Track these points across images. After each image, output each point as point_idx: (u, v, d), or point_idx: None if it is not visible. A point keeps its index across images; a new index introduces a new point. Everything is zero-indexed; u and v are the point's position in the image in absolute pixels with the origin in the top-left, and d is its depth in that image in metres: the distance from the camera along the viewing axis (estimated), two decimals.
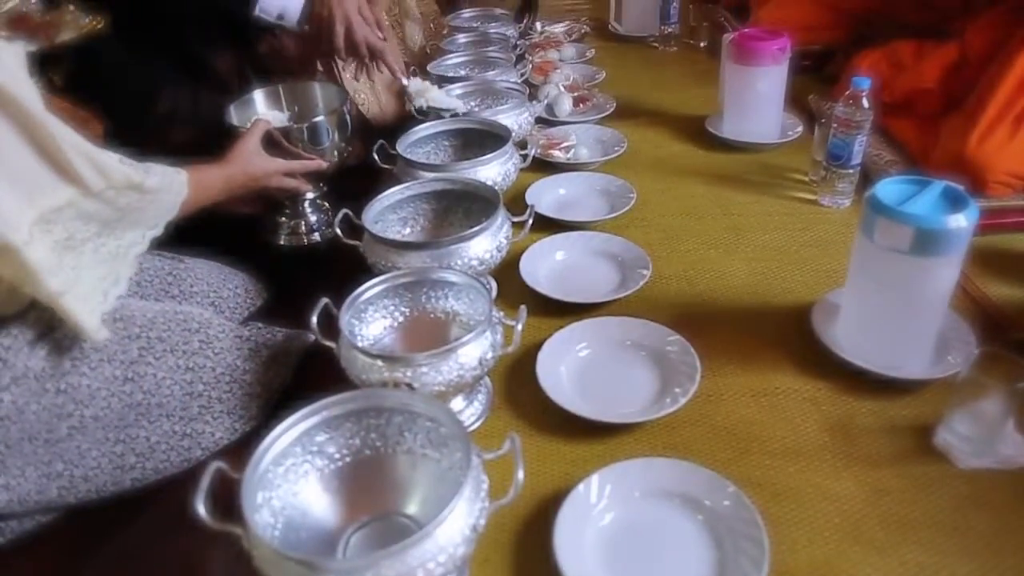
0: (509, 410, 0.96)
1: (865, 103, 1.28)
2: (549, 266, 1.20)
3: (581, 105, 1.76)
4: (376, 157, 1.32)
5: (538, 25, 2.37)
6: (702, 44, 2.29)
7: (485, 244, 1.02)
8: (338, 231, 1.09)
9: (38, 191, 0.77)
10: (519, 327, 0.87)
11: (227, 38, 1.62)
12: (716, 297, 1.15)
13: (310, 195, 1.42)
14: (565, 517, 0.76)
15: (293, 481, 0.74)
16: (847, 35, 2.04)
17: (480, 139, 1.38)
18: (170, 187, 0.94)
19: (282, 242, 1.42)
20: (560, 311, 1.10)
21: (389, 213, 1.17)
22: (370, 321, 0.97)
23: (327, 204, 1.45)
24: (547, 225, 1.29)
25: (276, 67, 1.64)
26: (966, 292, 1.11)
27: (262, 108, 1.44)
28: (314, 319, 0.88)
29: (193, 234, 1.08)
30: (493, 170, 1.24)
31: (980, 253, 1.08)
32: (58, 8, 1.20)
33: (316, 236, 1.43)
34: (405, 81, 1.49)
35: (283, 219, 1.44)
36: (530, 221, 1.09)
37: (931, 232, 0.85)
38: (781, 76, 1.54)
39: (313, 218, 1.44)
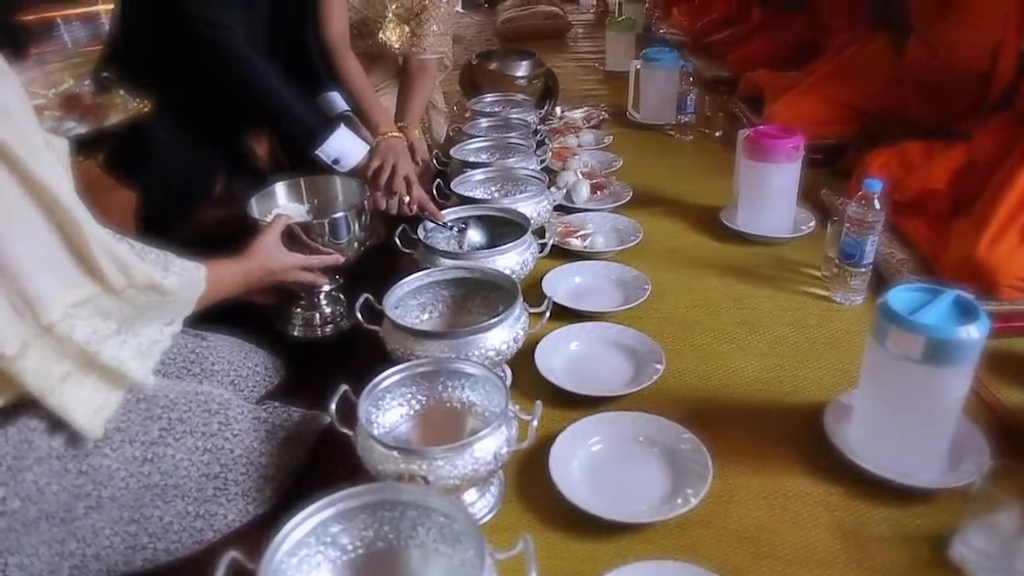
0: (521, 503, 0.96)
1: (877, 204, 1.32)
2: (564, 356, 1.22)
3: (599, 192, 1.81)
4: (398, 242, 1.35)
5: (558, 110, 2.44)
6: (717, 134, 2.35)
7: (503, 335, 1.05)
8: (359, 315, 1.12)
9: (64, 285, 0.81)
10: (534, 423, 0.88)
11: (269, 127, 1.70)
12: (729, 393, 1.16)
13: (326, 287, 1.44)
14: None
15: (306, 572, 0.75)
16: (858, 131, 2.10)
17: (500, 225, 1.42)
18: (188, 285, 0.98)
19: (296, 333, 1.44)
20: (574, 402, 1.11)
21: (409, 298, 1.19)
22: (387, 408, 0.99)
23: (342, 296, 1.48)
24: (563, 314, 1.31)
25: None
26: (980, 397, 1.12)
27: (283, 200, 1.47)
28: (333, 406, 0.90)
29: (210, 316, 1.11)
30: (512, 259, 1.27)
31: (993, 357, 1.09)
32: (108, 91, 1.27)
33: (329, 329, 1.45)
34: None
35: (298, 310, 1.46)
36: (547, 314, 1.12)
37: (943, 343, 0.86)
38: (794, 173, 1.58)
39: (328, 310, 1.46)
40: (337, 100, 1.71)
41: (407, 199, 1.50)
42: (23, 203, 0.77)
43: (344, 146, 1.50)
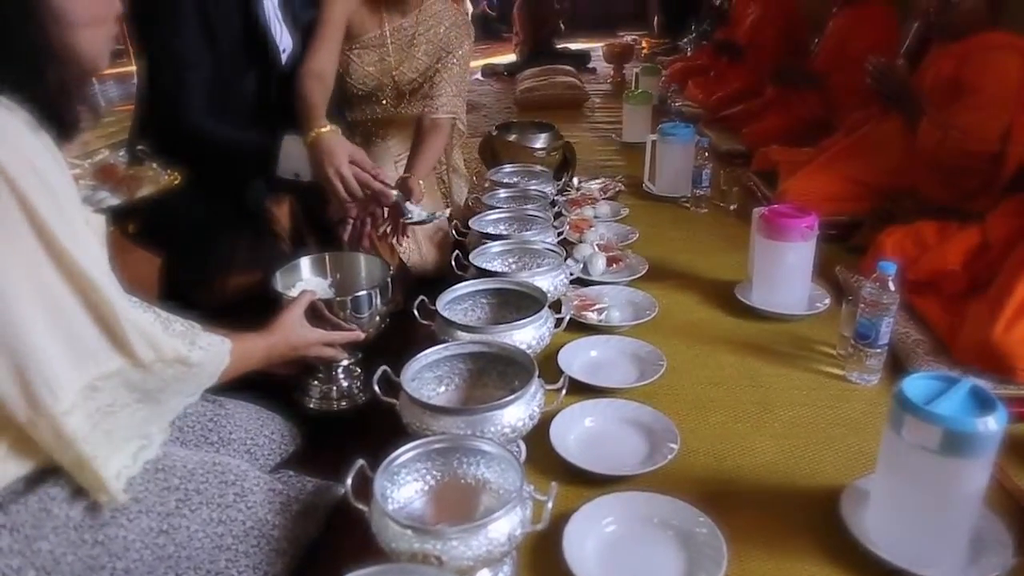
0: None
1: (891, 286, 1.33)
2: (579, 433, 1.22)
3: (615, 265, 1.83)
4: (416, 313, 1.38)
5: (575, 180, 2.49)
6: (732, 207, 2.38)
7: (518, 412, 1.05)
8: (376, 388, 1.13)
9: (91, 359, 0.84)
10: (549, 504, 0.88)
11: (288, 192, 1.75)
12: (744, 475, 1.16)
13: (345, 361, 1.46)
14: None
15: None
16: (871, 208, 2.13)
17: (517, 299, 1.44)
18: (214, 359, 1.00)
19: (312, 406, 1.46)
20: (588, 480, 1.11)
21: (426, 371, 1.20)
22: (402, 484, 0.99)
23: (360, 370, 1.50)
24: (578, 389, 1.31)
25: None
26: (1001, 486, 1.10)
27: (307, 274, 1.50)
28: (349, 481, 0.90)
29: (229, 382, 1.12)
30: (528, 334, 1.28)
31: (1013, 443, 1.08)
32: (141, 163, 1.31)
33: (346, 403, 1.46)
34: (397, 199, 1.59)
35: (315, 383, 1.48)
36: (563, 392, 1.12)
37: (960, 434, 0.86)
38: (809, 251, 1.60)
39: (345, 384, 1.48)
40: None
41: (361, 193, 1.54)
42: (58, 283, 0.80)
43: (293, 162, 1.55)
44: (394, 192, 1.61)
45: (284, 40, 1.68)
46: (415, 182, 1.75)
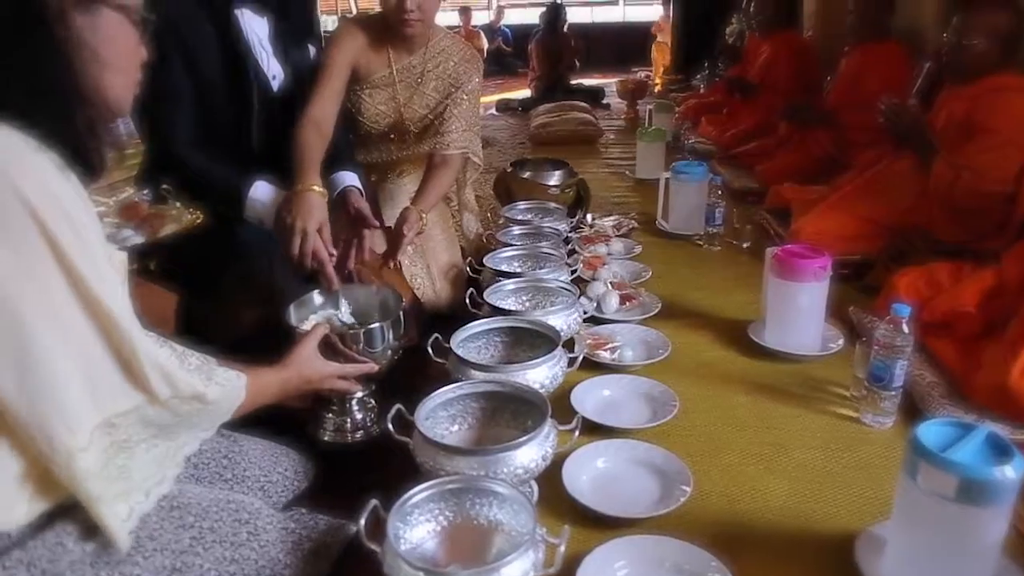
0: None
1: (905, 328, 1.32)
2: (591, 473, 1.22)
3: (628, 303, 1.84)
4: (430, 350, 1.39)
5: (589, 217, 2.50)
6: (745, 245, 2.39)
7: (532, 453, 1.06)
8: (390, 426, 1.13)
9: (109, 396, 0.85)
10: (562, 548, 0.88)
11: None
12: (756, 518, 1.15)
13: (359, 394, 1.47)
14: None
15: None
16: (884, 247, 2.12)
17: (531, 337, 1.45)
18: (229, 395, 1.01)
19: (326, 438, 1.46)
20: (600, 522, 1.10)
21: (440, 410, 1.21)
22: (415, 524, 0.99)
23: (374, 402, 1.50)
24: (591, 428, 1.31)
25: None
26: (1019, 534, 1.09)
27: (320, 308, 1.51)
28: (362, 521, 0.91)
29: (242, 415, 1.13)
30: (542, 373, 1.29)
31: None
32: (165, 202, 1.34)
33: (360, 435, 1.47)
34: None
35: (329, 415, 1.48)
36: (576, 433, 1.13)
37: (977, 482, 0.86)
38: (822, 292, 1.60)
39: (359, 416, 1.48)
40: (342, 178, 1.78)
41: (306, 257, 1.52)
42: (80, 318, 0.82)
43: (259, 208, 1.57)
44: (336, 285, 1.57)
45: (273, 67, 1.71)
46: (414, 212, 1.78)
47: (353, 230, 1.68)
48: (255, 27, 1.66)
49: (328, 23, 8.59)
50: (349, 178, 1.78)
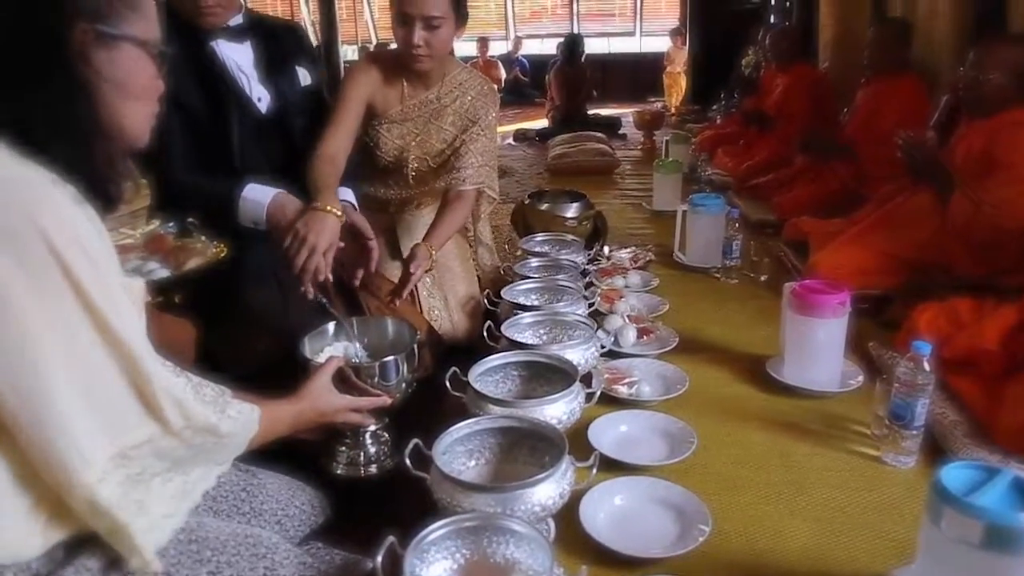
0: None
1: (926, 366, 1.31)
2: (608, 511, 1.21)
3: (645, 337, 1.83)
4: (448, 384, 1.39)
5: (606, 249, 2.51)
6: (763, 278, 2.38)
7: (549, 491, 1.05)
8: (407, 461, 1.13)
9: (122, 425, 0.86)
10: None
11: None
12: (776, 560, 1.14)
13: (372, 427, 1.47)
14: None
15: None
16: (904, 282, 2.11)
17: (548, 371, 1.45)
18: (243, 428, 1.02)
19: (339, 472, 1.46)
20: (618, 561, 1.10)
21: (457, 445, 1.21)
22: (431, 561, 0.99)
23: (387, 435, 1.50)
24: (608, 465, 1.30)
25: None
26: None
27: (334, 340, 1.52)
28: (379, 558, 0.90)
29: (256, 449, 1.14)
30: (559, 408, 1.29)
31: None
32: (190, 235, 1.36)
33: (373, 468, 1.47)
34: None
35: (343, 448, 1.48)
36: (594, 470, 1.12)
37: (1004, 529, 0.85)
38: (841, 328, 1.59)
39: (372, 449, 1.48)
40: (338, 192, 1.77)
41: (308, 273, 1.51)
42: (95, 348, 0.83)
43: (253, 210, 1.58)
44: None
45: (256, 91, 1.74)
46: (423, 249, 1.80)
47: (355, 243, 1.69)
48: (234, 55, 1.70)
49: (348, 52, 8.75)
50: (343, 193, 1.79)
